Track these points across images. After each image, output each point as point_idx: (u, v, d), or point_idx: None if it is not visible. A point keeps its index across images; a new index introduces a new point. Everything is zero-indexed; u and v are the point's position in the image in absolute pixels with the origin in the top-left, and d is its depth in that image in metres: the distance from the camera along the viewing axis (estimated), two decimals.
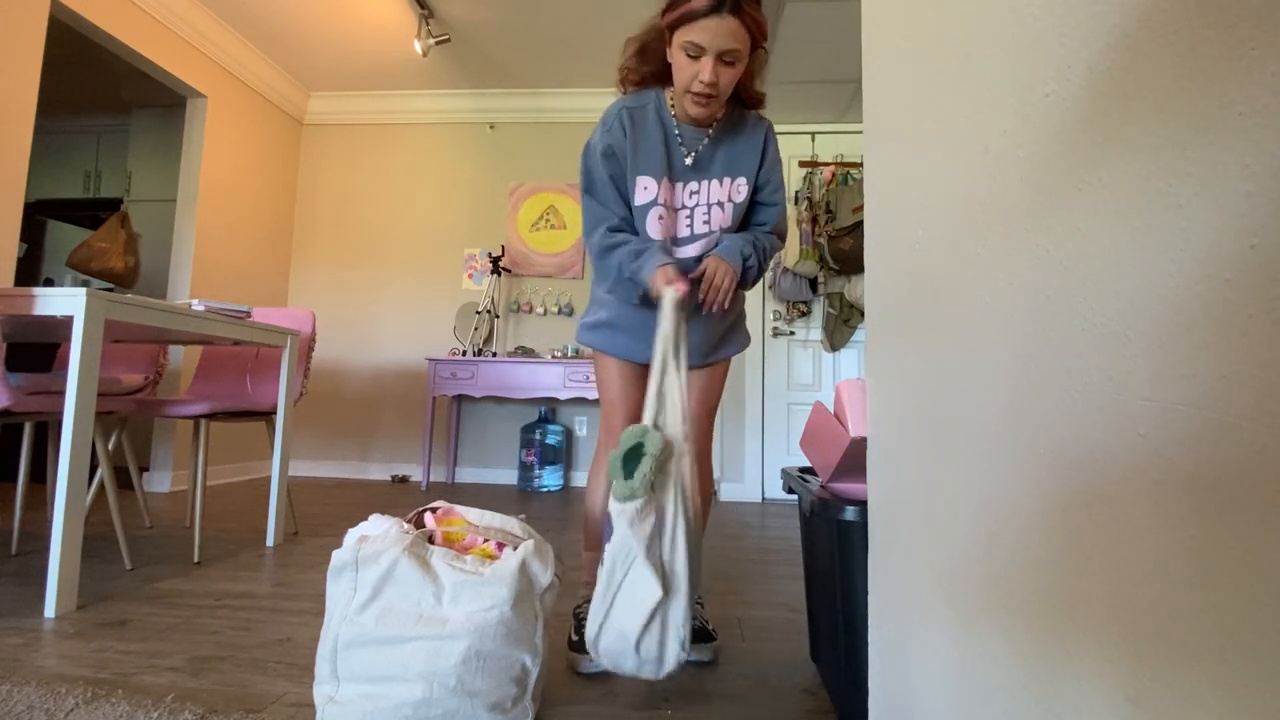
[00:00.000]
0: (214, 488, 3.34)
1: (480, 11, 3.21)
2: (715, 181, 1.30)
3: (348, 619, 0.96)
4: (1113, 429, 0.38)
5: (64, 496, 1.44)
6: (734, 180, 1.30)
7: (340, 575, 0.99)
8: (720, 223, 1.31)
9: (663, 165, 1.28)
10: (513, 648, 0.97)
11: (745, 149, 1.31)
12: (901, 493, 0.74)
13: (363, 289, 4.07)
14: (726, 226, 1.32)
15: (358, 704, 0.93)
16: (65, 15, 2.66)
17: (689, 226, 1.31)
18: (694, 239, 1.32)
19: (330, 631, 0.96)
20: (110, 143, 4.28)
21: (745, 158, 1.30)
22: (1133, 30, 0.37)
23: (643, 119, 1.28)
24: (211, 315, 1.84)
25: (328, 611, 0.99)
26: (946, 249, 0.63)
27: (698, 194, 1.30)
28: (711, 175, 1.30)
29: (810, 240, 3.37)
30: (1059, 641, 0.43)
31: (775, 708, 1.10)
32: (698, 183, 1.30)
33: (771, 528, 2.77)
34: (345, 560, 0.98)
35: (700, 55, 1.13)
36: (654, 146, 1.27)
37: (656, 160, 1.27)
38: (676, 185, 1.30)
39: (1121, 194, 0.38)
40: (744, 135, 1.31)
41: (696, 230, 1.31)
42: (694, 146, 1.29)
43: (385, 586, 0.96)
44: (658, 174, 1.27)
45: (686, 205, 1.31)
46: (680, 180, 1.30)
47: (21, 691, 1.04)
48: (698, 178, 1.30)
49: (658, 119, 1.28)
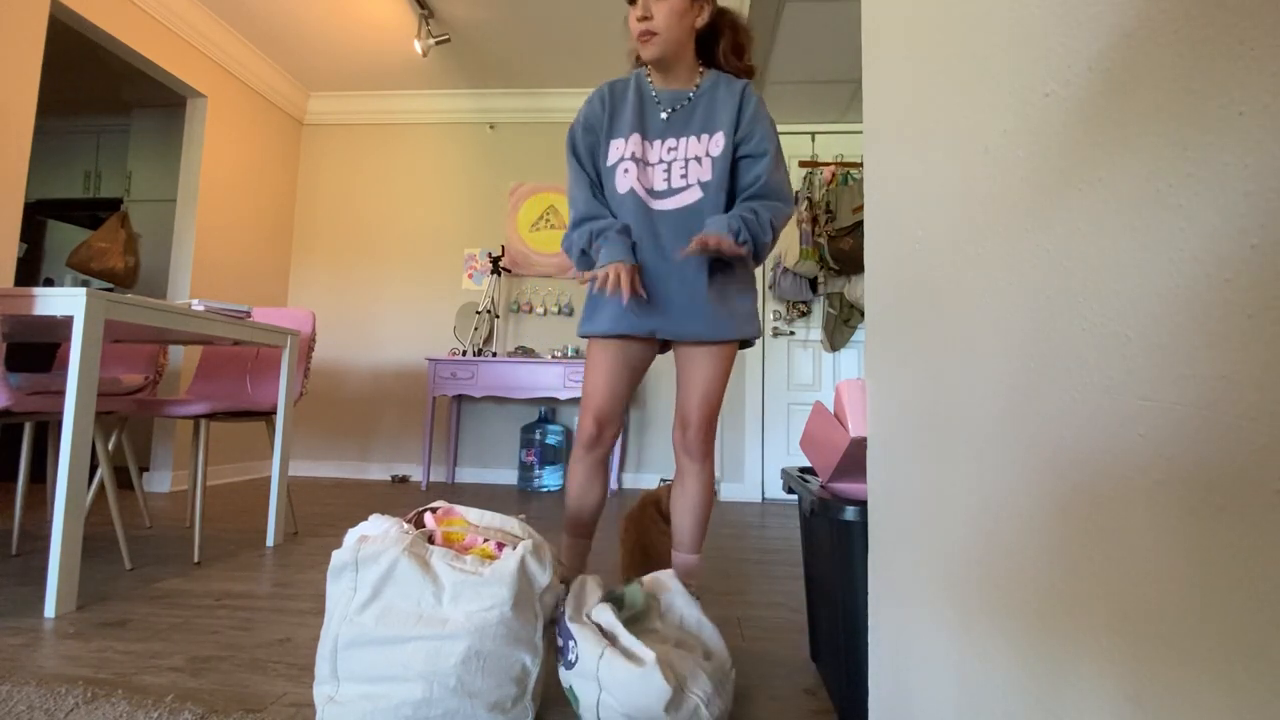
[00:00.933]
0: (214, 488, 3.34)
1: (480, 11, 3.20)
2: (693, 137, 1.34)
3: (348, 619, 0.96)
4: (1113, 429, 0.38)
5: (64, 496, 1.44)
6: (711, 135, 1.33)
7: (340, 575, 0.99)
8: (699, 176, 1.32)
9: (636, 125, 1.35)
10: (513, 648, 0.97)
11: (723, 105, 1.34)
12: (901, 493, 0.74)
13: (363, 289, 4.07)
14: (706, 180, 1.32)
15: (358, 704, 0.93)
16: (65, 15, 2.66)
17: (666, 180, 1.34)
18: (672, 192, 1.33)
19: (330, 631, 0.96)
20: (110, 143, 4.28)
21: (722, 114, 1.33)
22: (1133, 30, 0.37)
23: (623, 91, 1.39)
24: (211, 315, 1.84)
25: (328, 611, 0.99)
26: (946, 249, 0.63)
27: (675, 149, 1.34)
28: (689, 132, 1.34)
29: (810, 240, 3.37)
30: (1059, 641, 0.43)
31: (775, 708, 1.10)
32: (675, 139, 1.34)
33: (771, 528, 2.77)
34: (345, 560, 0.98)
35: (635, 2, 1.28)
36: (629, 111, 1.36)
37: (630, 122, 1.35)
38: (653, 142, 1.35)
39: (1121, 194, 0.38)
40: (722, 94, 1.35)
41: (674, 184, 1.33)
42: (671, 105, 1.35)
43: (385, 586, 0.96)
44: (628, 133, 1.35)
45: (664, 159, 1.34)
46: (657, 137, 1.35)
47: (21, 691, 1.04)
48: (675, 134, 1.34)
49: (636, 88, 1.38)
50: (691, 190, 1.32)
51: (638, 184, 1.33)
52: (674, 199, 1.33)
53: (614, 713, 0.95)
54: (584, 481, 1.38)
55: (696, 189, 1.32)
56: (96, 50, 3.29)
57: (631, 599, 1.14)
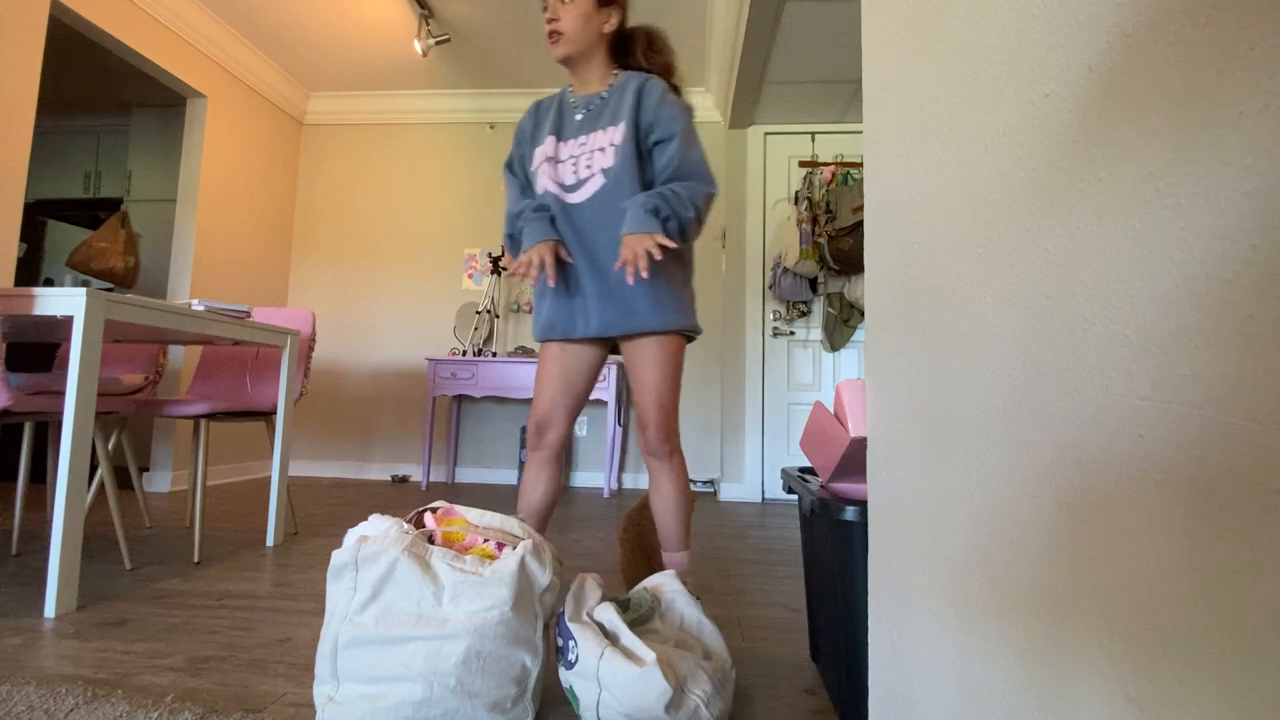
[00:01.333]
0: (214, 488, 3.34)
1: (480, 11, 3.20)
2: (599, 131, 1.39)
3: (347, 619, 0.96)
4: (1112, 429, 0.38)
5: (64, 496, 1.44)
6: (615, 125, 1.37)
7: (340, 575, 0.99)
8: (602, 164, 1.36)
9: (553, 129, 1.42)
10: (513, 648, 0.97)
11: (628, 98, 1.38)
12: (901, 493, 0.74)
13: (363, 289, 4.07)
14: (608, 166, 1.35)
15: (358, 704, 0.93)
16: (65, 15, 2.66)
17: (575, 173, 1.39)
18: (580, 184, 1.38)
19: (330, 631, 0.96)
20: (110, 143, 4.28)
21: (625, 106, 1.37)
22: (1133, 30, 0.37)
23: (548, 106, 1.47)
24: (211, 315, 1.84)
25: (328, 611, 0.99)
26: (946, 249, 0.63)
27: (585, 144, 1.40)
28: (598, 127, 1.39)
29: (810, 240, 3.37)
30: (1059, 641, 0.43)
31: (775, 707, 1.10)
32: (586, 135, 1.40)
33: (771, 528, 2.77)
34: (345, 560, 0.98)
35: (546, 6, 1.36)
36: (549, 120, 1.44)
37: (548, 128, 1.43)
38: (566, 141, 1.42)
39: (1121, 194, 0.38)
40: (627, 89, 1.39)
41: (581, 175, 1.38)
42: (585, 107, 1.42)
43: (385, 586, 0.96)
44: (546, 135, 1.42)
45: (574, 155, 1.40)
46: (570, 137, 1.42)
47: (21, 691, 1.04)
48: (586, 131, 1.40)
49: (558, 101, 1.47)
50: (595, 179, 1.36)
51: (551, 182, 1.39)
52: (583, 190, 1.37)
53: (614, 712, 0.95)
54: (530, 479, 1.44)
55: (600, 176, 1.35)
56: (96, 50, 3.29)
57: (638, 602, 1.14)
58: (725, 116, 3.70)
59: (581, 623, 1.03)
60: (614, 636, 1.02)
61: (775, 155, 3.70)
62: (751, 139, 3.70)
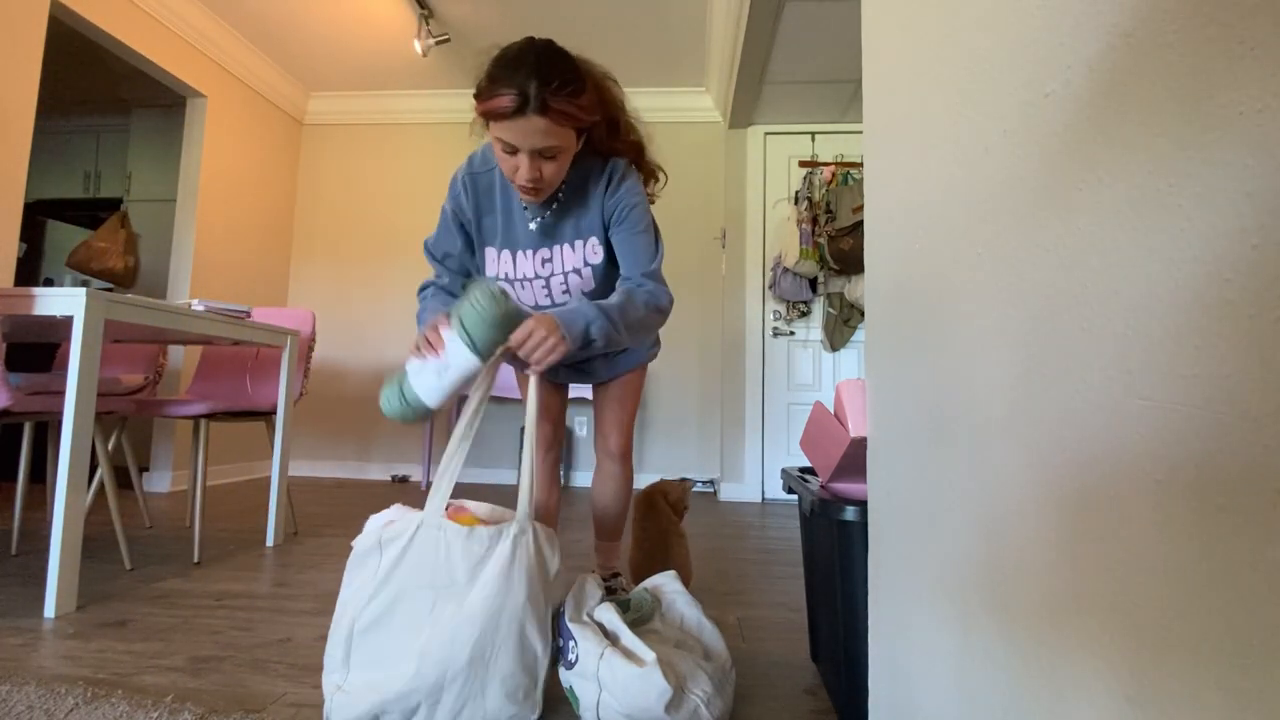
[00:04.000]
0: (214, 488, 3.34)
1: (480, 11, 3.21)
2: (567, 245, 1.20)
3: (366, 603, 0.96)
4: (1113, 429, 0.38)
5: (64, 496, 1.43)
6: (585, 241, 1.19)
7: (365, 560, 0.99)
8: (580, 288, 1.22)
9: (506, 235, 1.20)
10: (526, 635, 0.97)
11: (594, 203, 1.18)
12: (901, 493, 0.74)
13: (363, 289, 4.07)
14: (589, 291, 1.22)
15: (366, 694, 0.93)
16: (65, 15, 2.66)
17: (548, 296, 1.22)
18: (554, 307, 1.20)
19: (346, 616, 0.96)
20: (110, 143, 4.28)
21: (593, 213, 1.18)
22: (1133, 30, 0.37)
23: (487, 185, 1.20)
24: (211, 315, 1.84)
25: (343, 599, 0.99)
26: (947, 249, 0.63)
27: (550, 261, 1.20)
28: (562, 239, 1.20)
29: (810, 240, 3.37)
30: (1059, 641, 0.43)
31: (775, 707, 1.10)
32: (549, 249, 1.20)
33: (771, 528, 2.77)
34: (369, 545, 0.98)
35: (515, 152, 1.04)
36: (496, 214, 1.20)
37: (500, 230, 1.21)
38: (525, 253, 1.20)
39: (1121, 194, 0.38)
40: (591, 188, 1.18)
41: (556, 299, 1.23)
42: (540, 213, 1.18)
43: (402, 571, 0.96)
44: (499, 245, 1.21)
45: (540, 275, 1.21)
46: (529, 248, 1.20)
47: (21, 691, 1.04)
48: (549, 244, 1.20)
49: (503, 184, 1.19)
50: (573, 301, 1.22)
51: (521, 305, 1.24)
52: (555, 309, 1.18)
53: (614, 713, 0.95)
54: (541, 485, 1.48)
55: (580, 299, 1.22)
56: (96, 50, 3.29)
57: (638, 602, 1.14)
58: (725, 116, 3.70)
59: (582, 623, 1.04)
60: (614, 637, 1.02)
61: (775, 155, 3.70)
62: (751, 139, 3.70)
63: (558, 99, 0.98)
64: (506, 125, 1.01)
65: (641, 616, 1.12)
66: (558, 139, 1.03)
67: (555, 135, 1.02)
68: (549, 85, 0.98)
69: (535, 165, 1.04)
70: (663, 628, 1.13)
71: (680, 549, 1.60)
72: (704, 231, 3.88)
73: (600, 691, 0.96)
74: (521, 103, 0.97)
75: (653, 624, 1.13)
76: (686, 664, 0.99)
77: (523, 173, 1.05)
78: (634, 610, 1.12)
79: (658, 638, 1.08)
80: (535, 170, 1.04)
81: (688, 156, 3.91)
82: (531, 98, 0.97)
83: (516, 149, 1.03)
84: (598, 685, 0.96)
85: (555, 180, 1.09)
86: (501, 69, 1.01)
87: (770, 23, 2.66)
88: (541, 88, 0.97)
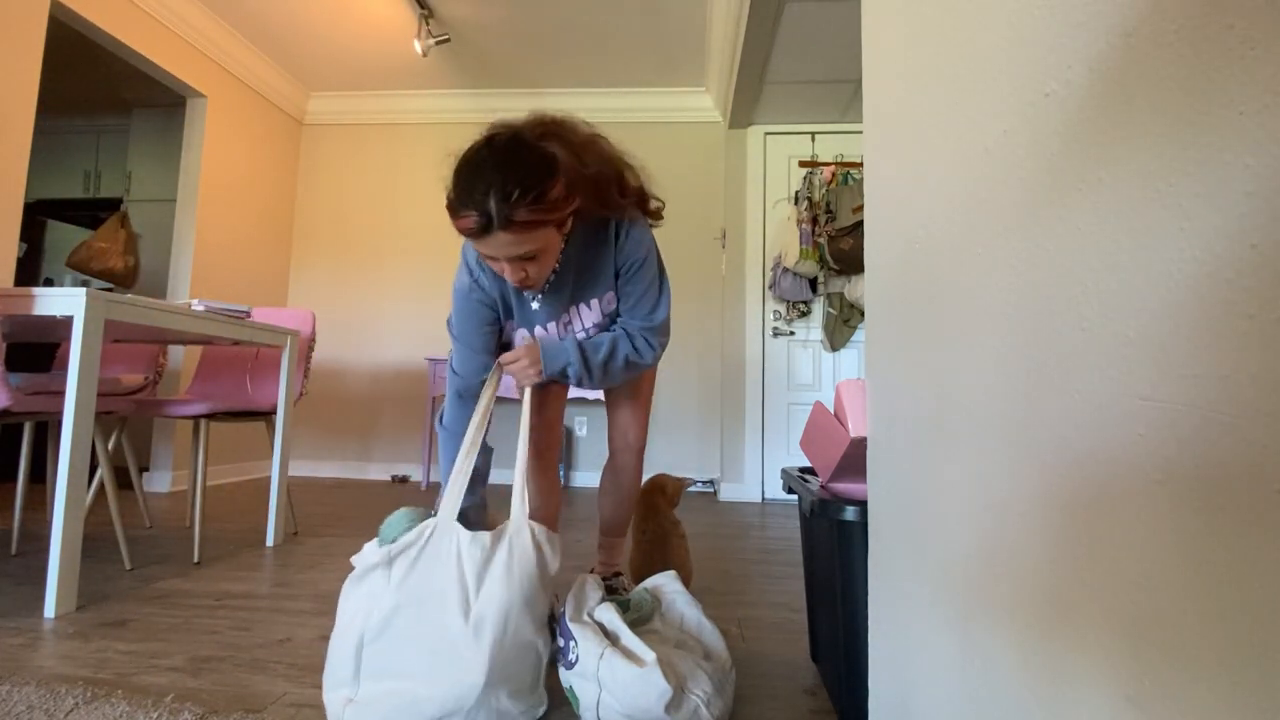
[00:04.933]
0: (214, 488, 3.34)
1: (480, 11, 3.20)
2: (584, 305, 1.21)
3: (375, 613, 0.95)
4: (1112, 429, 0.38)
5: (64, 496, 1.43)
6: (601, 298, 1.22)
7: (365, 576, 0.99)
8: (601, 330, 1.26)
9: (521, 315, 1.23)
10: (532, 633, 0.98)
11: (605, 260, 1.19)
12: (901, 493, 0.74)
13: (363, 289, 4.07)
14: None
15: (381, 702, 0.93)
16: (65, 15, 2.66)
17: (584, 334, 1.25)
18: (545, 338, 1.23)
19: (355, 628, 0.96)
20: (110, 143, 4.28)
21: (605, 270, 1.19)
22: (1133, 30, 0.37)
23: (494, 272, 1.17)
24: (211, 315, 1.84)
25: (349, 611, 0.98)
26: (946, 249, 0.63)
27: (571, 324, 1.23)
28: (578, 300, 1.21)
29: (810, 240, 3.37)
30: (1059, 641, 0.43)
31: (775, 707, 1.10)
32: (567, 313, 1.22)
33: (771, 528, 2.77)
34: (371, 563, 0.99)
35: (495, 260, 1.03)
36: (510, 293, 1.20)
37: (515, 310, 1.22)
38: (545, 327, 1.22)
39: (1121, 194, 0.38)
40: (600, 246, 1.18)
41: None
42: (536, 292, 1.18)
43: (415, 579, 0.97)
44: (517, 324, 1.25)
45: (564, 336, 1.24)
46: (546, 322, 1.22)
47: (21, 691, 1.04)
48: (563, 310, 1.21)
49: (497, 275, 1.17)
50: None
51: None
52: None
53: (614, 713, 0.95)
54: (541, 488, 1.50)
55: None
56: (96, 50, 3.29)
57: (638, 602, 1.14)
58: (725, 116, 3.70)
59: (582, 623, 1.04)
60: (614, 637, 1.02)
61: (775, 155, 3.70)
62: (751, 139, 3.70)
63: (520, 210, 0.95)
64: (478, 242, 1.00)
65: (641, 616, 1.12)
66: (532, 243, 1.00)
67: (528, 241, 0.99)
68: (508, 200, 0.94)
69: (519, 268, 1.03)
70: (663, 628, 1.13)
71: (680, 549, 1.60)
72: (704, 231, 3.88)
73: (600, 691, 0.96)
74: (485, 223, 0.95)
75: (653, 624, 1.13)
76: (686, 664, 0.99)
77: (509, 275, 1.05)
78: (634, 610, 1.12)
79: (658, 638, 1.08)
80: (520, 272, 1.04)
81: (688, 156, 3.91)
82: (495, 216, 0.94)
83: (495, 259, 1.03)
84: (598, 685, 0.96)
85: (545, 273, 1.08)
86: (461, 186, 0.99)
87: (770, 23, 2.66)
88: (502, 204, 0.94)
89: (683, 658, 1.01)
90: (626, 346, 1.22)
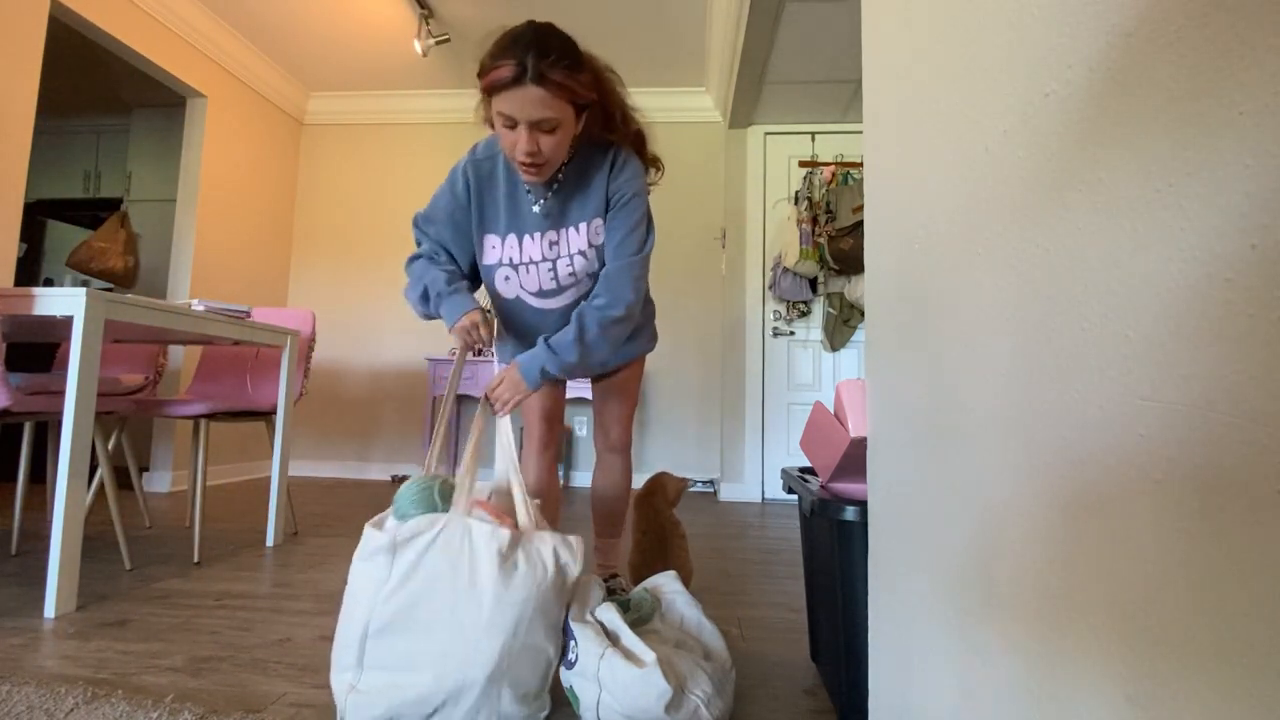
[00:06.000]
0: (214, 488, 3.34)
1: (480, 11, 3.21)
2: (573, 229, 1.23)
3: (380, 603, 0.94)
4: (1113, 429, 0.38)
5: (64, 496, 1.43)
6: (590, 223, 1.22)
7: (373, 557, 0.97)
8: (586, 269, 1.25)
9: (510, 220, 1.23)
10: (543, 639, 0.98)
11: (597, 186, 1.21)
12: (901, 493, 0.74)
13: (363, 289, 4.07)
14: (594, 272, 1.26)
15: (383, 693, 0.92)
16: (65, 15, 2.66)
17: (554, 279, 1.25)
18: (560, 290, 1.27)
19: (359, 617, 0.95)
20: (110, 143, 4.28)
21: (596, 196, 1.21)
22: (1133, 30, 0.37)
23: (490, 173, 1.23)
24: (211, 315, 1.84)
25: (353, 595, 0.97)
26: (946, 249, 0.63)
27: (557, 244, 1.23)
28: (568, 222, 1.23)
29: (810, 240, 3.37)
30: (1059, 641, 0.43)
31: (775, 707, 1.10)
32: (556, 232, 1.23)
33: (771, 528, 2.77)
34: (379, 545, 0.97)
35: (515, 125, 1.06)
36: (499, 201, 1.22)
37: (503, 216, 1.23)
38: (533, 236, 1.23)
39: (1121, 194, 0.38)
40: (594, 172, 1.21)
41: (563, 282, 1.26)
42: (543, 194, 1.21)
43: (424, 571, 0.95)
44: (503, 231, 1.23)
45: (547, 257, 1.23)
46: (535, 231, 1.23)
47: (21, 691, 1.04)
48: (555, 227, 1.23)
49: (506, 170, 1.22)
50: (583, 284, 1.27)
51: (523, 290, 1.27)
52: (564, 296, 1.28)
53: (614, 713, 0.95)
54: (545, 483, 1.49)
55: (586, 281, 1.27)
56: (96, 50, 3.29)
57: (639, 602, 1.14)
58: (725, 116, 3.70)
59: (583, 623, 1.04)
60: (615, 637, 1.02)
61: (775, 155, 3.70)
62: (751, 139, 3.70)
63: (555, 70, 1.02)
64: (505, 96, 1.04)
65: (641, 616, 1.12)
66: (555, 111, 1.05)
67: (552, 107, 1.05)
68: (546, 58, 1.02)
69: (534, 138, 1.07)
70: (663, 628, 1.13)
71: (680, 549, 1.60)
72: (704, 231, 3.88)
73: (600, 692, 0.96)
74: (520, 72, 1.01)
75: (653, 624, 1.13)
76: (686, 664, 0.99)
77: (521, 146, 1.07)
78: (634, 610, 1.12)
79: (658, 638, 1.08)
80: (534, 143, 1.07)
81: (688, 156, 3.91)
82: (529, 68, 1.01)
83: (515, 122, 1.06)
84: (598, 685, 0.96)
85: (555, 157, 1.11)
86: (503, 44, 1.06)
87: (770, 23, 2.66)
88: (539, 59, 1.01)
89: (683, 658, 1.01)
90: (589, 313, 1.20)
